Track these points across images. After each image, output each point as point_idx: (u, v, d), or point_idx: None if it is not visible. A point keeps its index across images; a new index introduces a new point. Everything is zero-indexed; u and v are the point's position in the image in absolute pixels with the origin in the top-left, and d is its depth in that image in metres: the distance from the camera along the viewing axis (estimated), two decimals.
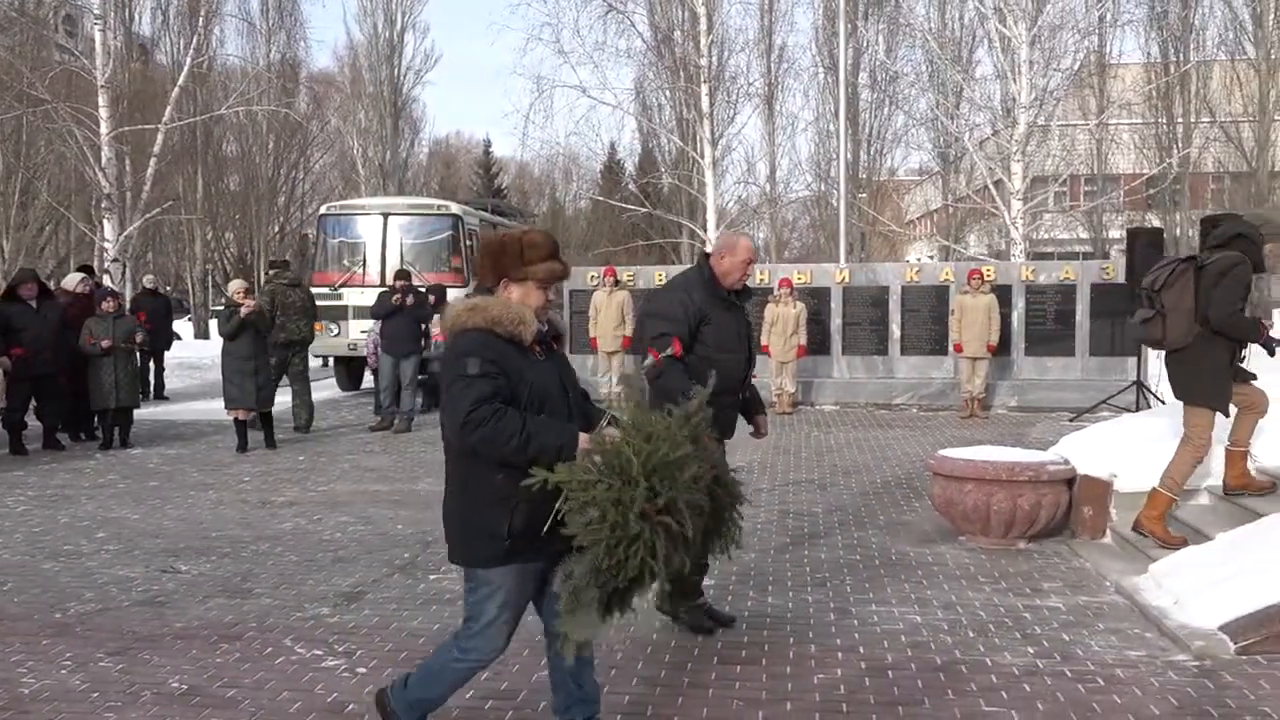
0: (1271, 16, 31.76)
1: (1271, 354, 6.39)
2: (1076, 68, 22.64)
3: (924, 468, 8.19)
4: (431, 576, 6.17)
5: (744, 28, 36.47)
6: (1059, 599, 5.67)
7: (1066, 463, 7.06)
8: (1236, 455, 6.43)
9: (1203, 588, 5.17)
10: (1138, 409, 11.69)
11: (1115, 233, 30.67)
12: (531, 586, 3.39)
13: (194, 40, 26.02)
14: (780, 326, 13.89)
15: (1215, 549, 5.59)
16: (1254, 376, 6.37)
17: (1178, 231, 31.29)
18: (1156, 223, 29.22)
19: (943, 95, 24.69)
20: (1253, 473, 6.48)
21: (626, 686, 4.47)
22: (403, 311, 12.34)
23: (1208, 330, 6.06)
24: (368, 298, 13.12)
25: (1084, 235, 34.48)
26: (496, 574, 3.29)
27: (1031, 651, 4.83)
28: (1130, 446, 7.13)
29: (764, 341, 13.95)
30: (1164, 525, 6.27)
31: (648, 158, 34.55)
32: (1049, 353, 14.86)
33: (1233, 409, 6.28)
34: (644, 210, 23.49)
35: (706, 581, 5.57)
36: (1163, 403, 11.49)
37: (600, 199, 29.66)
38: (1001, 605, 5.56)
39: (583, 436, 3.21)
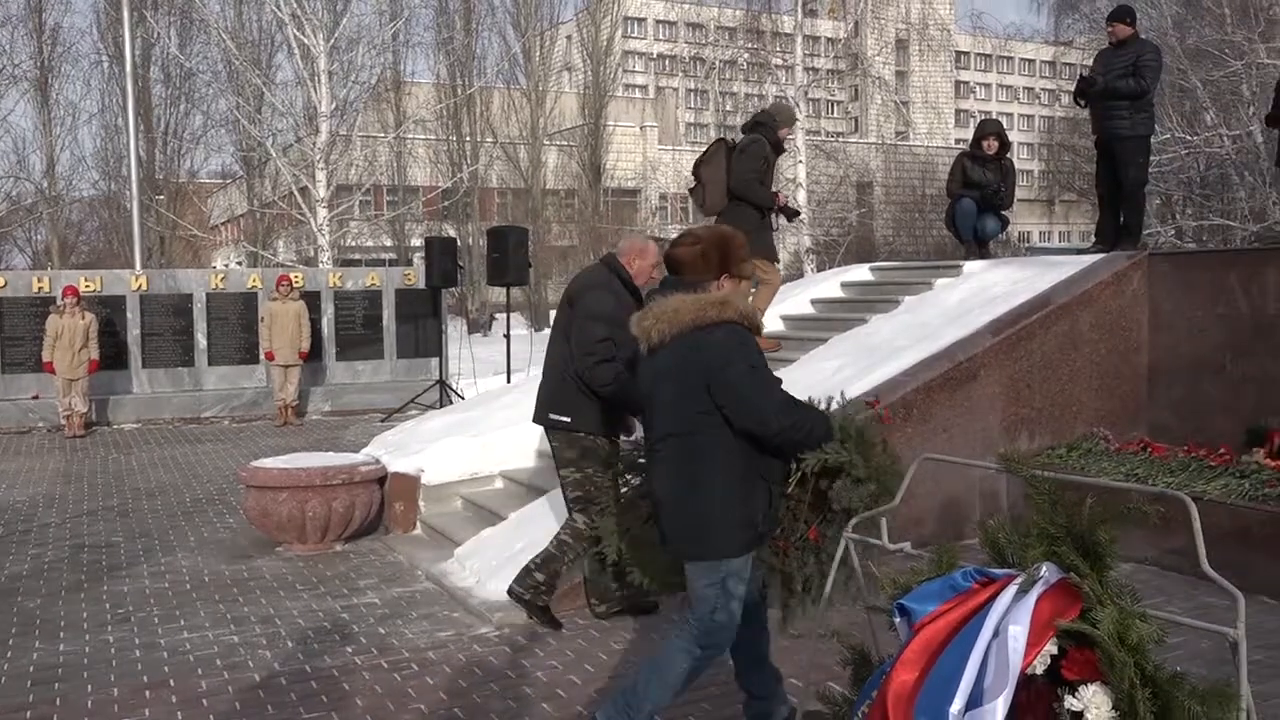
0: (539, 53, 36.29)
1: (790, 220, 7.80)
2: (374, 82, 23.59)
3: (237, 481, 7.90)
4: None
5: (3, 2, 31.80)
6: (375, 594, 5.84)
7: (378, 462, 7.30)
8: None
9: (500, 564, 5.69)
10: (441, 406, 12.54)
11: (416, 241, 32.64)
12: None
13: None
14: (66, 340, 12.41)
15: (508, 528, 6.17)
16: (778, 259, 7.58)
17: (470, 240, 34.30)
18: (451, 232, 31.77)
19: (243, 97, 24.00)
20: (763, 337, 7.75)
21: None
22: None
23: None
24: None
25: (389, 243, 36.20)
26: (741, 562, 3.32)
27: (350, 650, 4.91)
28: (435, 441, 7.62)
29: (46, 358, 12.39)
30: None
31: None
32: (359, 356, 15.27)
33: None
34: None
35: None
36: (463, 398, 12.50)
37: None
38: (320, 610, 5.57)
39: None
